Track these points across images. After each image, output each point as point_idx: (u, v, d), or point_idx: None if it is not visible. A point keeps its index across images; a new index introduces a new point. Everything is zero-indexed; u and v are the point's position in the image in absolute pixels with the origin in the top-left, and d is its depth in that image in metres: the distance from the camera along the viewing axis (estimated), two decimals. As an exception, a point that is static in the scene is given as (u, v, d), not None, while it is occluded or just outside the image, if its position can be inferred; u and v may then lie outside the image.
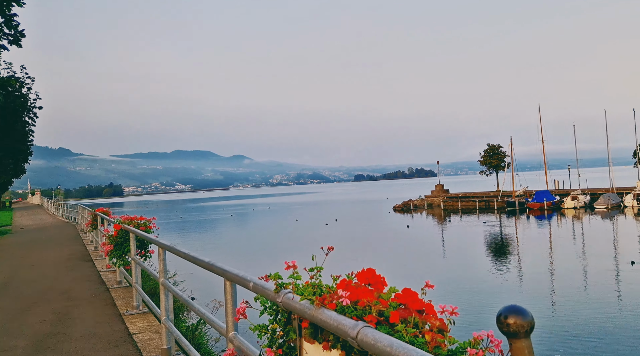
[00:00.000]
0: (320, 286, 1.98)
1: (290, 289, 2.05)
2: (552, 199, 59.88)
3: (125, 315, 6.90)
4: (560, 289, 20.33)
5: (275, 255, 30.59)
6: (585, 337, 14.08)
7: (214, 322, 3.15)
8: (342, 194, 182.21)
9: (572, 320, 15.71)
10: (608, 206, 55.91)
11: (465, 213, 62.64)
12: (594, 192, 62.73)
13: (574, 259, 26.97)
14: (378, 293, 1.87)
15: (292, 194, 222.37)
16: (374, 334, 1.50)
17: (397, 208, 74.82)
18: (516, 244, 35.16)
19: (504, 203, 63.98)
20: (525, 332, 1.23)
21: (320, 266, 2.19)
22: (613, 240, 34.45)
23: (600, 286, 20.28)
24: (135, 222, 7.39)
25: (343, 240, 41.02)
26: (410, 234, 43.76)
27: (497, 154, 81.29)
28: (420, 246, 35.77)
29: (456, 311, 1.63)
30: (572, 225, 44.92)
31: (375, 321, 1.70)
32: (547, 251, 30.84)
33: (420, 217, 62.03)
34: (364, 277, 1.95)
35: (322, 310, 1.82)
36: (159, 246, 4.66)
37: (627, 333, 14.27)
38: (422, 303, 1.81)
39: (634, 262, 24.52)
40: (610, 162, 64.97)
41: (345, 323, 1.64)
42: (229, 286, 2.79)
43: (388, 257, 31.02)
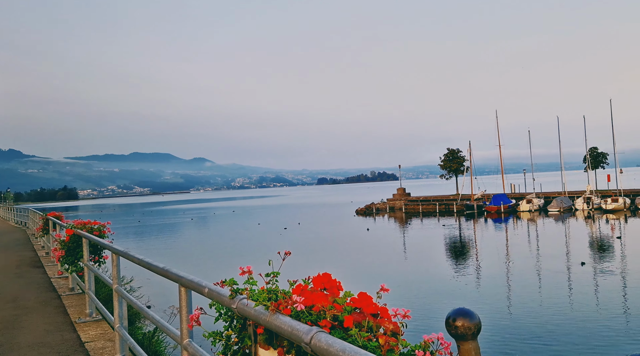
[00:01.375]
0: (276, 292, 1.97)
1: (245, 295, 2.03)
2: (508, 203, 61.82)
3: (77, 323, 6.66)
4: (515, 290, 20.99)
5: (234, 260, 30.27)
6: (536, 337, 14.57)
7: (168, 329, 3.08)
8: (305, 198, 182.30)
9: (524, 321, 16.24)
10: (560, 209, 58.20)
11: (425, 216, 63.83)
12: (547, 195, 65.20)
13: (528, 261, 27.92)
14: (333, 298, 1.87)
15: (254, 198, 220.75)
16: (327, 339, 1.50)
17: (360, 212, 75.50)
18: (473, 246, 36.09)
19: (463, 206, 65.58)
20: (472, 334, 1.26)
21: (276, 271, 2.17)
22: (565, 242, 35.88)
23: (553, 286, 21.07)
24: (88, 227, 7.15)
25: (305, 244, 41.03)
26: (370, 237, 44.21)
27: (457, 159, 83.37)
28: (380, 250, 36.18)
29: (408, 315, 1.66)
30: (527, 228, 46.49)
31: (329, 326, 1.70)
32: (503, 253, 31.80)
33: (382, 220, 62.77)
34: (319, 282, 1.95)
35: (277, 315, 1.81)
36: (113, 251, 4.53)
37: (577, 333, 14.86)
38: (376, 307, 1.83)
39: (584, 263, 25.61)
40: (563, 167, 67.73)
41: (299, 329, 1.63)
42: (183, 293, 2.74)
43: (348, 260, 31.24)
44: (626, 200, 56.42)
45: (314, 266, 21.59)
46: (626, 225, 43.90)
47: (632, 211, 54.71)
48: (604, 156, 78.18)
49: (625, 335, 14.26)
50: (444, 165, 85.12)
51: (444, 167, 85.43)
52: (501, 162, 73.02)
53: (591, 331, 14.83)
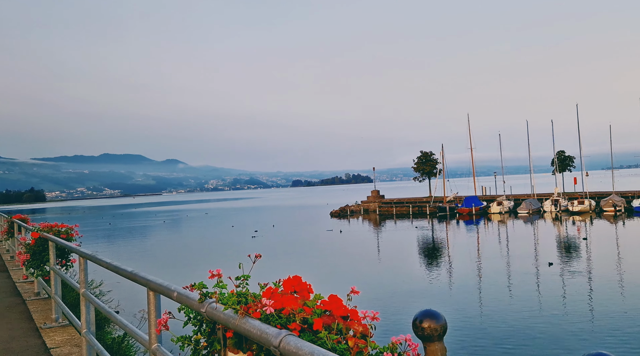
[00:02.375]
0: (246, 295, 1.95)
1: (214, 299, 2.00)
2: (480, 205, 62.94)
3: (42, 329, 6.47)
4: (483, 291, 21.38)
5: (206, 263, 29.96)
6: (502, 337, 14.87)
7: (136, 334, 3.02)
8: (280, 200, 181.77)
9: (491, 321, 16.56)
10: (529, 211, 59.59)
11: (399, 218, 64.44)
12: (517, 198, 66.67)
13: (498, 262, 28.49)
14: (303, 301, 1.87)
15: (228, 200, 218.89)
16: (296, 342, 1.50)
17: (335, 214, 75.69)
18: (445, 248, 36.62)
19: (436, 208, 66.48)
20: (438, 335, 1.28)
21: (247, 274, 2.16)
22: (533, 243, 36.74)
23: (521, 287, 21.55)
24: (55, 230, 6.97)
25: (278, 246, 40.89)
26: (344, 239, 44.37)
27: (430, 161, 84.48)
28: (353, 252, 36.38)
29: (377, 317, 1.67)
30: (497, 229, 47.43)
31: (299, 329, 1.70)
32: (474, 255, 32.35)
33: (356, 222, 63.08)
34: (289, 285, 1.95)
35: (247, 319, 1.79)
36: (80, 255, 4.42)
37: (543, 332, 15.22)
38: (346, 309, 1.83)
39: (552, 263, 26.29)
40: (532, 169, 69.39)
41: (268, 332, 1.62)
42: (152, 297, 2.69)
43: (321, 263, 31.31)
44: (592, 202, 58.15)
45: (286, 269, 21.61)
46: (592, 227, 45.24)
47: (597, 213, 56.42)
48: (570, 159, 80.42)
49: (590, 335, 14.68)
50: (418, 168, 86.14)
51: (418, 170, 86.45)
52: (473, 165, 74.38)
53: (557, 330, 15.22)
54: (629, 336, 14.31)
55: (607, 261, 26.97)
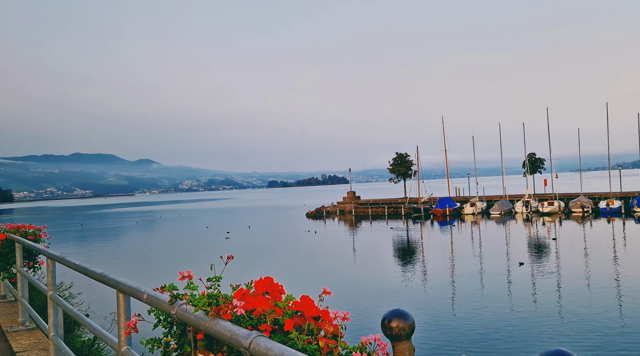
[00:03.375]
0: (217, 297, 1.94)
1: (185, 301, 1.99)
2: (453, 206, 63.86)
3: (8, 332, 6.29)
4: (455, 290, 21.71)
5: (178, 264, 29.59)
6: (472, 335, 15.13)
7: (105, 337, 2.97)
8: (256, 201, 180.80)
9: (462, 320, 16.83)
10: (501, 212, 60.76)
11: (375, 219, 64.87)
12: (489, 199, 67.88)
13: (470, 262, 28.96)
14: (275, 302, 1.87)
15: (203, 201, 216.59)
16: (266, 343, 1.50)
17: (310, 215, 75.69)
18: (419, 248, 37.04)
19: (411, 209, 67.18)
20: (406, 335, 1.30)
21: (219, 275, 2.15)
22: (505, 243, 37.48)
23: (492, 286, 21.96)
24: (22, 231, 6.78)
25: (253, 247, 40.68)
26: (320, 240, 44.44)
27: (405, 163, 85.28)
28: (328, 252, 36.48)
29: (348, 317, 1.68)
30: (470, 230, 48.20)
31: (270, 330, 1.70)
32: (447, 255, 32.80)
33: (332, 223, 63.23)
34: (261, 286, 1.95)
35: (217, 320, 1.78)
36: (48, 256, 4.32)
37: (512, 330, 15.55)
38: (318, 310, 1.84)
39: (522, 263, 26.86)
40: (504, 171, 70.75)
41: (238, 333, 1.62)
42: (121, 299, 2.65)
43: (295, 264, 31.31)
44: (561, 204, 59.65)
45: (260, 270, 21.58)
46: (561, 227, 46.41)
47: (566, 214, 57.91)
48: (541, 161, 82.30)
49: (557, 332, 15.06)
50: (393, 169, 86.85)
51: (393, 171, 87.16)
52: (447, 167, 75.41)
53: (525, 328, 15.56)
54: (593, 333, 14.72)
55: (575, 260, 27.71)
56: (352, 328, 1.80)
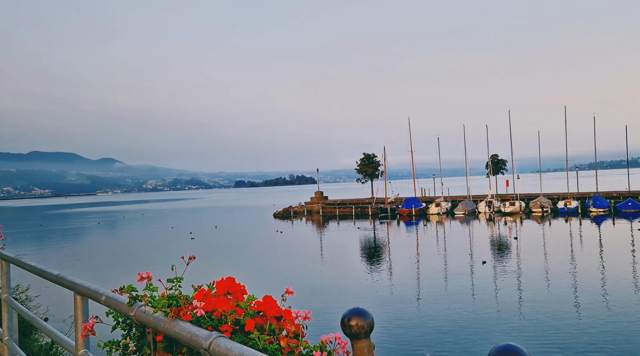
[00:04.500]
0: (177, 298, 1.91)
1: (144, 302, 1.95)
2: (419, 206, 64.86)
3: (-41, 338, 6.01)
4: (419, 288, 22.08)
5: (141, 265, 28.99)
6: (432, 332, 15.43)
7: (62, 340, 2.88)
8: (223, 201, 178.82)
9: (423, 317, 17.14)
10: (465, 212, 62.10)
11: (342, 219, 65.19)
12: (454, 199, 69.28)
13: (435, 261, 29.49)
14: (236, 302, 1.85)
15: (168, 201, 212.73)
16: (226, 344, 1.49)
17: (278, 215, 75.45)
18: (386, 248, 37.45)
19: (378, 209, 67.85)
20: (365, 333, 1.31)
21: (180, 276, 2.12)
22: (469, 243, 38.32)
23: (455, 284, 22.42)
24: (-26, 231, 6.48)
25: (219, 247, 40.28)
26: (286, 240, 44.37)
27: (372, 163, 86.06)
28: (295, 253, 36.49)
29: (309, 316, 1.69)
30: (435, 230, 49.07)
31: (230, 331, 1.68)
32: (412, 254, 33.30)
33: (300, 223, 63.19)
34: (222, 286, 1.93)
35: (177, 321, 1.76)
36: (2, 258, 4.16)
37: (472, 325, 15.93)
38: (280, 309, 1.84)
39: (485, 262, 27.54)
40: (468, 172, 72.34)
41: (198, 334, 1.60)
42: (79, 301, 2.58)
43: (261, 264, 31.18)
44: (522, 204, 61.44)
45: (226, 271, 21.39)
46: (521, 227, 47.80)
47: (526, 214, 59.69)
48: (503, 162, 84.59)
49: (518, 328, 15.51)
50: (360, 169, 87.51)
51: (360, 172, 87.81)
52: (413, 168, 76.49)
53: (486, 325, 15.97)
54: (549, 328, 15.24)
55: (535, 259, 28.61)
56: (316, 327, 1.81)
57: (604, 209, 56.45)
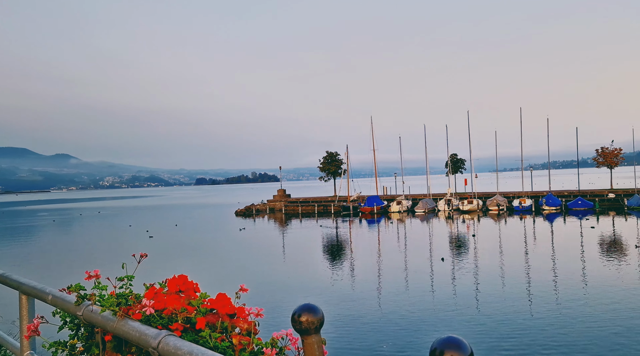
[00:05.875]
0: (126, 296, 1.87)
1: (92, 301, 1.90)
2: (381, 204, 65.68)
3: None
4: (381, 284, 22.38)
5: (95, 264, 28.19)
6: (389, 327, 15.70)
7: (7, 342, 2.77)
8: (183, 198, 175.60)
9: (381, 312, 17.41)
10: (425, 210, 63.34)
11: (305, 217, 65.24)
12: (415, 197, 70.54)
13: (395, 258, 29.95)
14: (188, 300, 1.83)
15: (126, 198, 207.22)
16: (175, 342, 1.47)
17: (240, 213, 74.79)
18: (347, 245, 37.75)
19: (340, 207, 68.28)
20: (315, 328, 1.32)
21: (131, 274, 2.07)
22: (428, 240, 39.12)
23: (414, 280, 22.85)
24: None
25: (178, 246, 39.59)
26: (247, 238, 44.07)
27: (335, 162, 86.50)
28: (255, 250, 36.30)
29: (261, 313, 1.69)
30: (396, 227, 49.81)
31: (181, 329, 1.66)
32: (373, 251, 33.70)
33: (262, 221, 62.83)
34: (174, 284, 1.90)
35: (126, 321, 1.72)
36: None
37: (429, 320, 16.29)
38: (233, 307, 1.83)
39: (444, 259, 28.20)
40: (428, 171, 73.79)
41: (147, 333, 1.57)
42: (24, 300, 2.49)
43: (219, 262, 30.89)
44: (479, 202, 63.22)
45: (183, 269, 20.85)
46: (479, 224, 49.18)
47: (484, 212, 61.45)
48: (462, 162, 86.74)
49: (474, 322, 15.97)
50: (323, 168, 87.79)
51: (323, 170, 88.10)
52: (375, 166, 77.37)
53: (440, 319, 16.36)
54: (501, 321, 15.77)
55: (491, 255, 29.52)
56: (272, 323, 1.81)
57: (556, 208, 58.79)
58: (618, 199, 59.72)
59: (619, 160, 70.71)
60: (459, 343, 1.01)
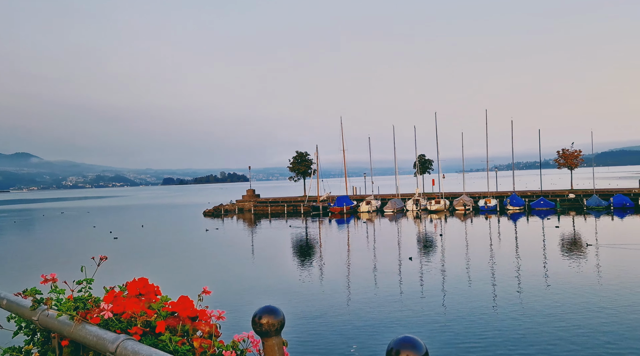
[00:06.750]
0: (85, 300, 1.83)
1: (48, 306, 1.85)
2: (350, 204, 66.06)
3: None
4: (350, 284, 22.52)
5: (54, 267, 27.35)
6: (353, 328, 15.83)
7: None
8: (150, 199, 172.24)
9: (346, 312, 17.54)
10: (394, 210, 64.06)
11: (274, 217, 64.99)
12: (384, 197, 71.23)
13: (364, 257, 30.19)
14: (149, 303, 1.81)
15: (90, 198, 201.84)
16: (134, 346, 1.45)
17: (208, 213, 73.89)
18: (316, 245, 37.81)
19: (310, 207, 68.33)
20: (276, 330, 1.32)
21: (90, 278, 2.03)
22: (397, 239, 39.59)
23: (382, 279, 23.09)
24: None
25: (145, 247, 38.84)
26: (215, 239, 43.60)
27: (305, 162, 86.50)
28: (223, 252, 35.97)
29: (223, 316, 1.68)
30: (365, 227, 50.20)
31: (141, 333, 1.64)
32: (343, 251, 33.88)
33: (230, 221, 62.26)
34: (134, 287, 1.87)
35: (84, 325, 1.69)
36: None
37: (399, 320, 16.49)
38: (195, 310, 1.81)
39: (411, 258, 28.59)
40: (397, 171, 74.64)
41: (105, 338, 1.54)
42: (-23, 306, 2.39)
43: (185, 264, 30.46)
44: (446, 202, 64.37)
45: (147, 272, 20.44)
46: (446, 224, 50.07)
47: (450, 211, 62.61)
48: (430, 162, 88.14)
49: (440, 321, 16.25)
50: (293, 167, 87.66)
51: (293, 170, 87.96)
52: (345, 166, 77.76)
53: (406, 318, 16.59)
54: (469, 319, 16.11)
55: (458, 254, 30.11)
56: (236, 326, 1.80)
57: (519, 207, 60.42)
58: (578, 199, 61.86)
59: (578, 161, 73.24)
60: (414, 343, 1.03)
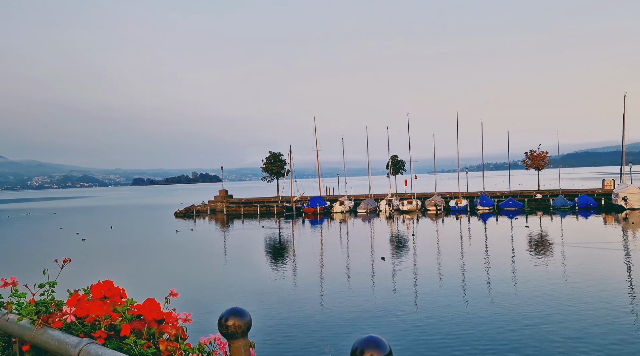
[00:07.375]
0: (47, 304, 1.79)
1: (8, 310, 1.80)
2: (324, 205, 66.19)
3: None
4: (323, 284, 22.58)
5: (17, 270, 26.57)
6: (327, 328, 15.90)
7: None
8: (119, 199, 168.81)
9: (319, 312, 17.59)
10: (367, 210, 64.52)
11: (247, 218, 64.58)
12: (357, 198, 71.64)
13: (337, 257, 30.32)
14: (113, 306, 1.78)
15: (57, 199, 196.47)
16: (97, 350, 1.43)
17: (179, 214, 72.89)
18: (290, 246, 37.76)
19: (283, 208, 68.17)
20: (242, 332, 1.32)
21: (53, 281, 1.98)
22: (370, 240, 39.88)
23: (355, 279, 23.23)
24: None
25: (112, 249, 38.06)
26: (185, 240, 43.07)
27: (278, 162, 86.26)
28: (193, 253, 35.53)
29: (190, 318, 1.66)
30: (339, 227, 50.41)
31: (104, 337, 1.61)
32: (316, 252, 33.93)
33: (202, 222, 61.57)
34: (98, 290, 1.84)
35: (45, 329, 1.65)
36: None
37: (367, 322, 16.63)
38: (161, 313, 1.79)
39: (384, 258, 28.85)
40: (370, 172, 75.18)
41: (67, 342, 1.51)
42: None
43: (154, 266, 30.04)
44: (418, 202, 65.20)
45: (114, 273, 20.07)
46: (418, 224, 50.71)
47: (422, 212, 63.45)
48: (402, 163, 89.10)
49: (411, 321, 16.45)
50: (266, 168, 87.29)
51: (266, 170, 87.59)
52: (318, 167, 77.86)
53: (374, 320, 16.74)
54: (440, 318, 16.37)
55: (430, 253, 30.55)
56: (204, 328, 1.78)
57: (489, 208, 61.69)
58: (544, 199, 63.55)
59: (545, 163, 75.29)
60: (378, 343, 1.05)
